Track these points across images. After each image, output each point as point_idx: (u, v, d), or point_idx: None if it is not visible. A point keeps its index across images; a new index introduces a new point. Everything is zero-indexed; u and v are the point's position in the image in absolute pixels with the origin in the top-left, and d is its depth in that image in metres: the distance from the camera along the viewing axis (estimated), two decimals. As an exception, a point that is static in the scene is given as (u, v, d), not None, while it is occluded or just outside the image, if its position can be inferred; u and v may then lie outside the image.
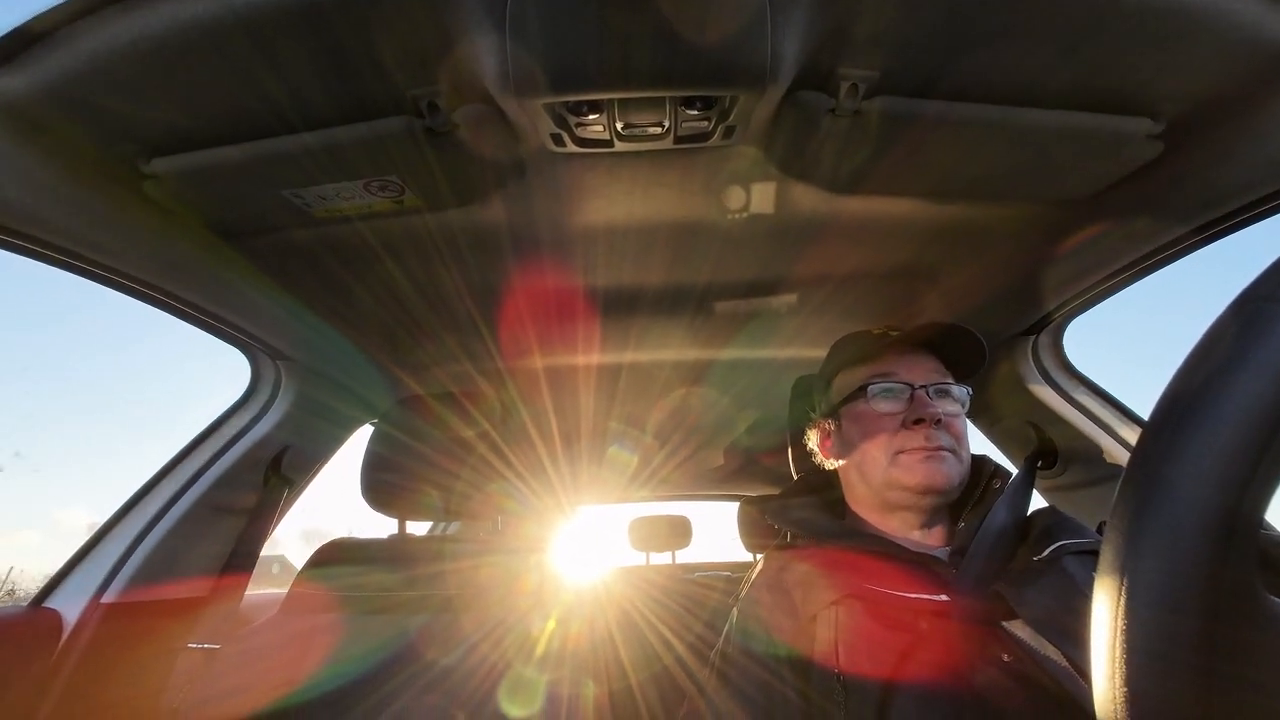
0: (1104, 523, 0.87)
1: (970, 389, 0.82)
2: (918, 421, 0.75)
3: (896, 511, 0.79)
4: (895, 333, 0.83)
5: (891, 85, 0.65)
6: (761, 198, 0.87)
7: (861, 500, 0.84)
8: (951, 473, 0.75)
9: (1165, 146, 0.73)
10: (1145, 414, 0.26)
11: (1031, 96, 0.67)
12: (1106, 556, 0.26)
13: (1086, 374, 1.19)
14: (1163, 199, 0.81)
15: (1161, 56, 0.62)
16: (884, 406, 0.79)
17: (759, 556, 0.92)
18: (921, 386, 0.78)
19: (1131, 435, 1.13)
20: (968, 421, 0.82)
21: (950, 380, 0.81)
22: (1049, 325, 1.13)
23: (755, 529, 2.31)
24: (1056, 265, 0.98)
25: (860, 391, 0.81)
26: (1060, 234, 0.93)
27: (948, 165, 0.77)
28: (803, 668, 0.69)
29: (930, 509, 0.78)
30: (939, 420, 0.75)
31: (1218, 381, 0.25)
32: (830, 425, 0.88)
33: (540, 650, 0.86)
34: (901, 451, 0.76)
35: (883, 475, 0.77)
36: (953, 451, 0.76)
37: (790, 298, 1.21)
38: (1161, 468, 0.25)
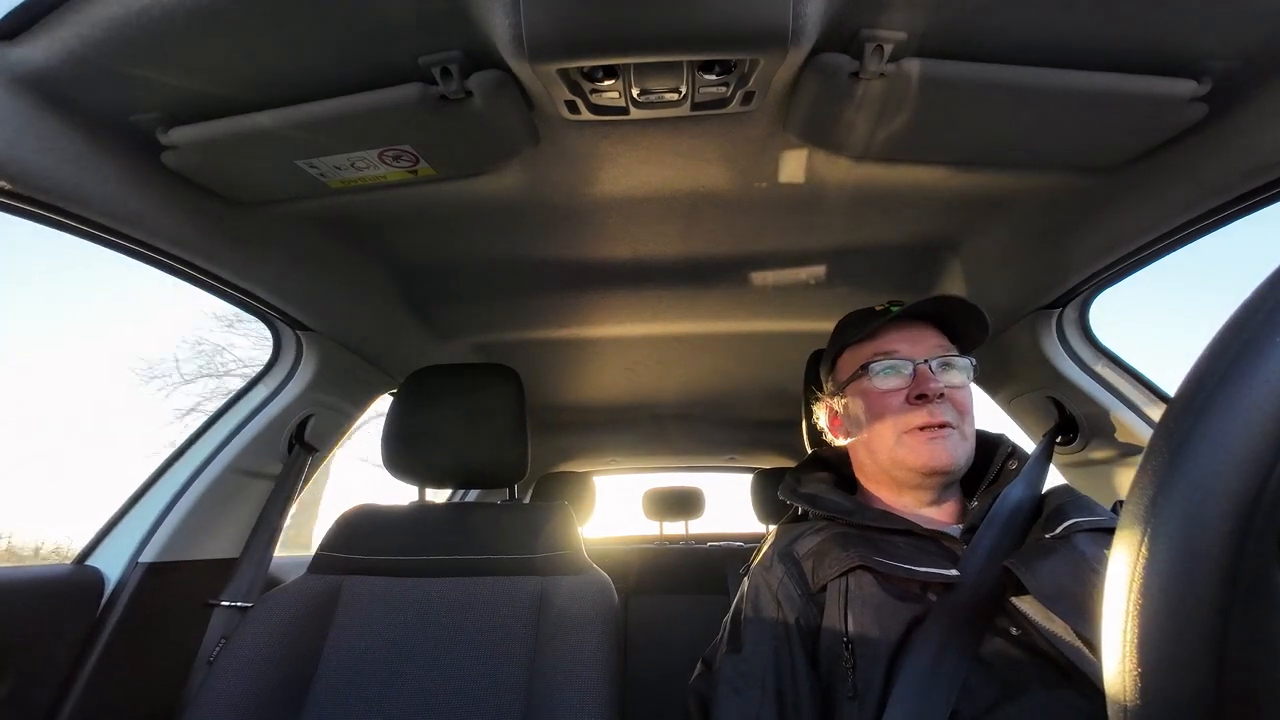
0: (1118, 502, 0.87)
1: (974, 360, 0.81)
2: (920, 397, 0.76)
3: (906, 489, 0.80)
4: (896, 308, 0.82)
5: (919, 47, 0.62)
6: (781, 165, 0.85)
7: (871, 477, 0.84)
8: (955, 452, 0.75)
9: (1210, 110, 0.69)
10: (1171, 391, 0.26)
11: (1067, 57, 0.64)
12: (1123, 532, 0.26)
13: (1112, 348, 1.16)
14: (1204, 166, 0.77)
15: (1208, 13, 0.58)
16: (886, 383, 0.79)
17: (771, 527, 0.94)
18: (924, 361, 0.78)
19: (1156, 412, 1.10)
20: (973, 395, 0.81)
21: (954, 352, 0.80)
22: (1075, 299, 1.10)
23: (768, 501, 2.34)
24: (1086, 236, 0.95)
25: (863, 370, 0.81)
26: (1092, 203, 0.90)
27: (977, 131, 0.74)
28: (812, 636, 0.71)
29: (939, 487, 0.78)
30: (942, 394, 0.75)
31: (1247, 360, 0.24)
32: (837, 403, 0.88)
33: (557, 614, 0.89)
34: (907, 430, 0.76)
35: (889, 454, 0.78)
36: (956, 427, 0.76)
37: (809, 268, 1.19)
38: (1185, 445, 0.24)
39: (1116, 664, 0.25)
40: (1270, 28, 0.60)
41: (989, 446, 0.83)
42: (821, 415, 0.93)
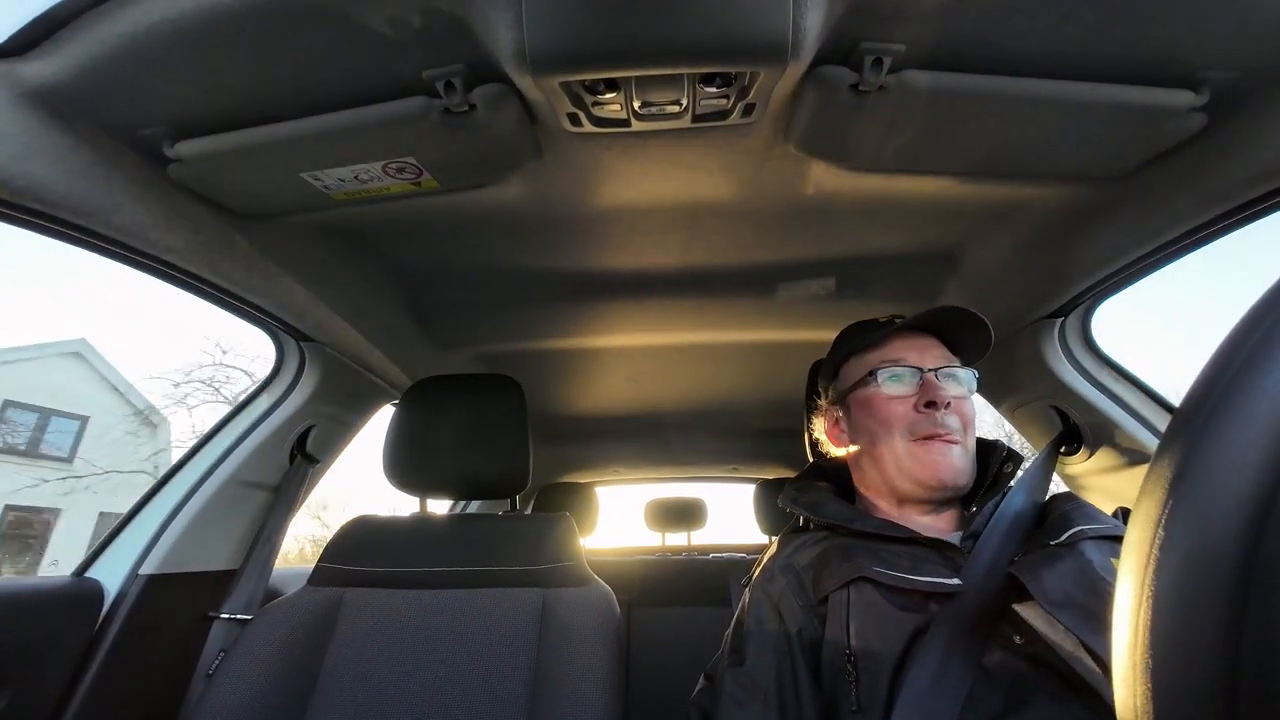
0: (1120, 509, 0.86)
1: (977, 372, 0.81)
2: (928, 405, 0.76)
3: (908, 501, 0.79)
4: (900, 319, 0.83)
5: (918, 59, 0.63)
6: (782, 177, 0.86)
7: (873, 487, 0.83)
8: (960, 465, 0.75)
9: (1209, 120, 0.69)
10: (1175, 401, 0.26)
11: (1066, 68, 0.64)
12: (1132, 540, 0.25)
13: (1114, 358, 1.16)
14: (1203, 175, 0.77)
15: (1208, 24, 0.59)
16: (895, 390, 0.78)
17: (774, 538, 0.93)
18: (930, 370, 0.78)
19: (1160, 421, 1.10)
20: (975, 406, 0.82)
21: (957, 363, 0.81)
22: (1077, 308, 1.10)
23: (771, 511, 2.33)
24: (1087, 246, 0.95)
25: (870, 377, 0.80)
26: (1092, 213, 0.90)
27: (976, 142, 0.74)
28: (814, 648, 0.70)
29: (941, 501, 0.78)
30: (949, 404, 0.75)
31: (1257, 362, 0.24)
32: (839, 412, 0.88)
33: (559, 626, 0.88)
34: (914, 438, 0.76)
35: (895, 464, 0.77)
36: (960, 441, 0.76)
37: (811, 279, 1.19)
38: (1196, 448, 0.24)
39: (1125, 674, 0.24)
40: (1267, 40, 0.60)
41: (983, 453, 0.83)
42: (819, 424, 0.93)
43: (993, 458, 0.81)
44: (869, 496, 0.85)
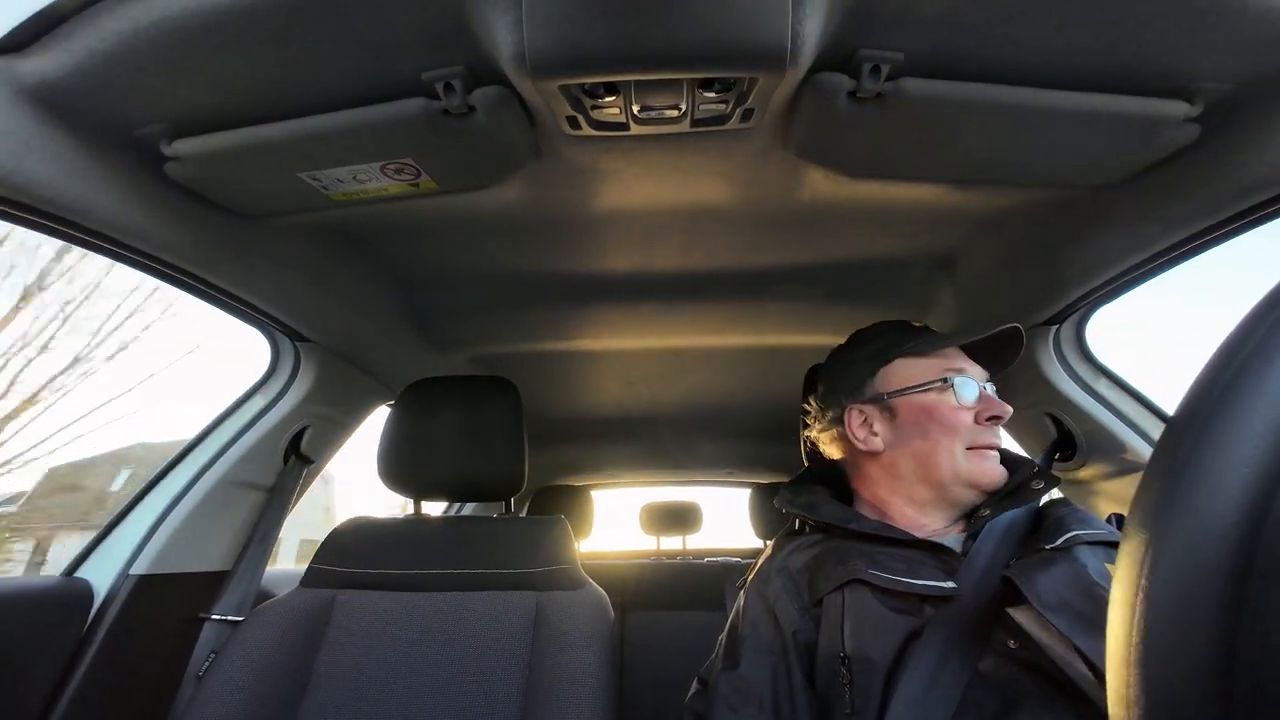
0: (1113, 515, 0.87)
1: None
2: (993, 418, 0.79)
3: (941, 504, 0.79)
4: (925, 329, 0.86)
5: (915, 67, 0.63)
6: (779, 182, 0.86)
7: (888, 487, 0.82)
8: (1002, 474, 0.79)
9: (1203, 131, 0.70)
10: (1169, 409, 0.26)
11: (1062, 78, 0.65)
12: (1127, 545, 0.25)
13: (1109, 365, 1.17)
14: (1197, 185, 0.78)
15: (1202, 36, 0.59)
16: (966, 399, 0.80)
17: (769, 542, 0.93)
18: (986, 383, 0.82)
19: (1154, 429, 1.11)
20: None
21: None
22: (1072, 315, 1.11)
23: (766, 516, 2.33)
24: (1082, 253, 0.96)
25: (942, 382, 0.80)
26: (1087, 221, 0.91)
27: (972, 149, 0.75)
28: (809, 652, 0.70)
29: (972, 504, 0.79)
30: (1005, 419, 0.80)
31: (1251, 371, 0.24)
32: (873, 410, 0.85)
33: (553, 629, 0.88)
34: (973, 446, 0.78)
35: (951, 468, 0.77)
36: (1000, 451, 0.81)
37: (806, 284, 1.20)
38: (1190, 456, 0.24)
39: (1120, 679, 0.25)
40: (1260, 53, 0.61)
41: (1010, 466, 0.82)
42: (853, 419, 0.87)
43: (1019, 471, 0.81)
44: (880, 499, 0.83)
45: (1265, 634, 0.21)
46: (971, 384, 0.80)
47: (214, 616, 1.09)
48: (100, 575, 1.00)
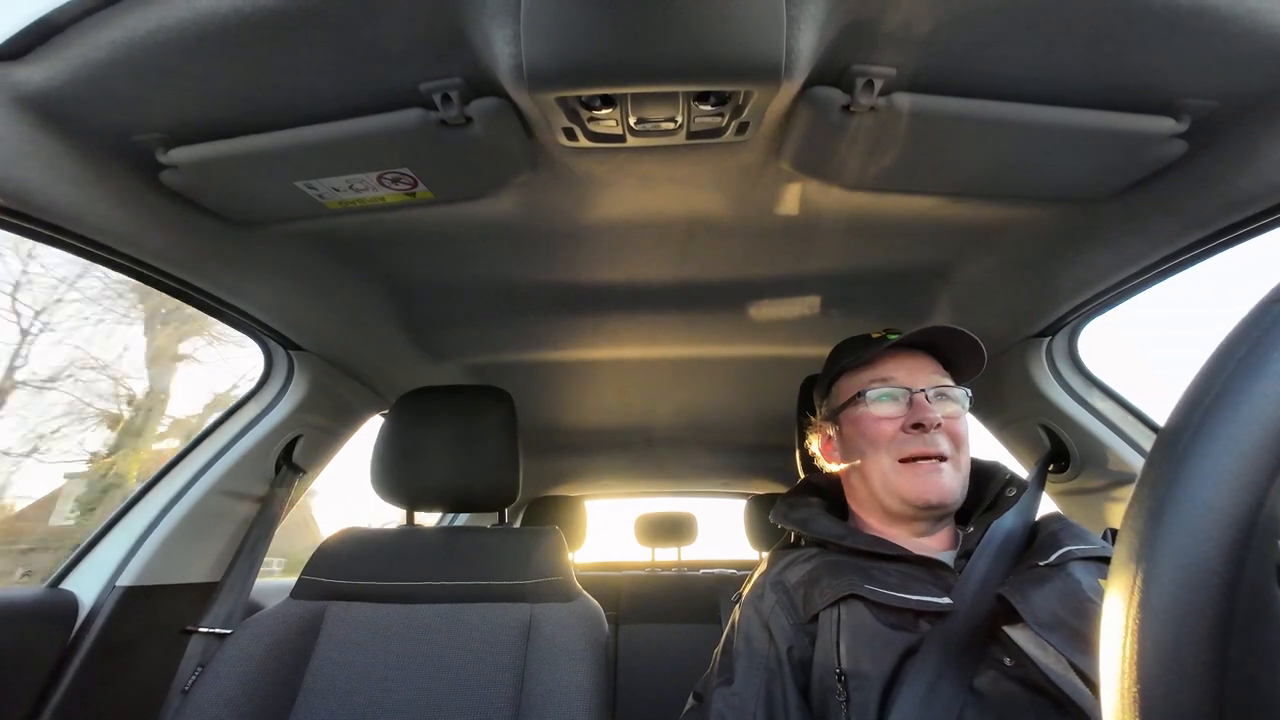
0: (1109, 530, 0.87)
1: (970, 391, 0.81)
2: (916, 426, 0.75)
3: (899, 520, 0.79)
4: (894, 335, 0.82)
5: (908, 82, 0.64)
6: (774, 194, 0.87)
7: (864, 504, 0.83)
8: (949, 484, 0.75)
9: (1189, 147, 0.71)
10: (1161, 420, 0.26)
11: (1052, 95, 0.66)
12: (1120, 559, 0.25)
13: (1101, 377, 1.18)
14: (1185, 200, 0.79)
15: (1187, 54, 0.61)
16: (883, 410, 0.78)
17: (764, 554, 0.93)
18: (920, 390, 0.78)
19: (1146, 440, 1.11)
20: (969, 424, 0.81)
21: (949, 382, 0.81)
22: (1064, 328, 1.12)
23: (762, 527, 2.32)
24: (1073, 267, 0.97)
25: (859, 396, 0.81)
26: (1078, 235, 0.92)
27: (964, 164, 0.76)
28: (804, 668, 0.69)
29: (932, 520, 0.78)
30: (939, 424, 0.75)
31: (1238, 384, 0.24)
32: (831, 429, 0.88)
33: (546, 642, 0.87)
34: (902, 458, 0.76)
35: (883, 483, 0.77)
36: (950, 459, 0.76)
37: (801, 295, 1.20)
38: (1180, 470, 0.24)
39: (1115, 695, 0.24)
40: (1245, 70, 0.62)
41: (983, 475, 0.83)
42: (814, 440, 0.92)
43: (994, 480, 0.81)
44: (861, 514, 0.84)
45: (1257, 650, 0.21)
46: (892, 392, 0.78)
47: (202, 629, 1.08)
48: (86, 587, 0.98)
